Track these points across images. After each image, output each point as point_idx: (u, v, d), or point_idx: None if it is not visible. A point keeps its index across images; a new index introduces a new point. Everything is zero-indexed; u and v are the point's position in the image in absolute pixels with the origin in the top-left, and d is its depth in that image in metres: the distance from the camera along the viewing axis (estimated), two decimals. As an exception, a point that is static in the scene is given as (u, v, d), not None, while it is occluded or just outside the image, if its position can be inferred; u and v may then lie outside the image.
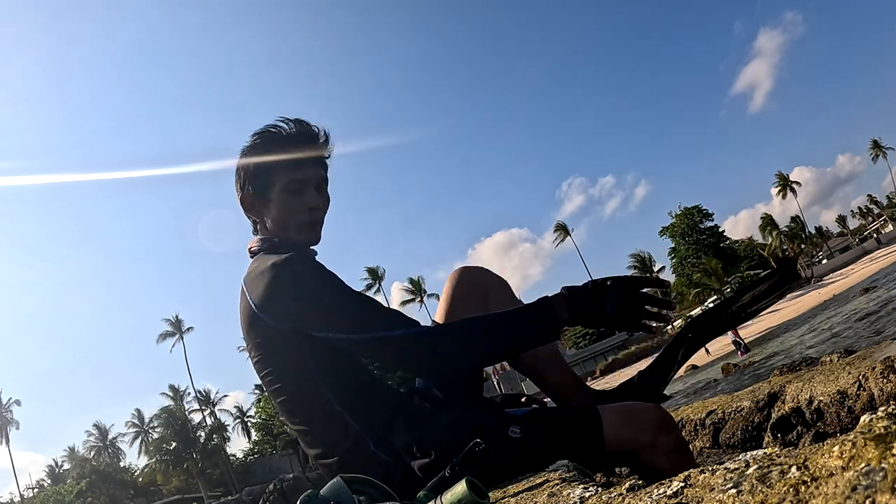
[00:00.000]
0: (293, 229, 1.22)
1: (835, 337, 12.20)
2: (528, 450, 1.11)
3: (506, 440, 1.10)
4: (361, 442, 1.12)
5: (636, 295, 1.07)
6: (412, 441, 1.09)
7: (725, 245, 60.67)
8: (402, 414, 1.16)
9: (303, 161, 1.22)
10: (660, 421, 1.11)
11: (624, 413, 1.12)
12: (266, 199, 1.22)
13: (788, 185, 65.64)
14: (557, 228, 62.18)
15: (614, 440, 1.08)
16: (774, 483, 0.46)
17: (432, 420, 1.16)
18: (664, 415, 1.14)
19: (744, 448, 2.34)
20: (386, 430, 1.12)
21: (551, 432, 1.12)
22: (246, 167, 1.25)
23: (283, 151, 1.22)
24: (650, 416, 1.11)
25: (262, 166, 1.22)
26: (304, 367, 1.12)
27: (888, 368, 1.82)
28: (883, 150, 69.45)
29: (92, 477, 39.34)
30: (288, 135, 1.24)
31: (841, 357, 3.64)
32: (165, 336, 51.42)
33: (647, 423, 1.10)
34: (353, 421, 1.12)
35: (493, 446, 1.10)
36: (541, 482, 0.99)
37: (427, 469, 1.05)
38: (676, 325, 52.60)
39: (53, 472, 49.59)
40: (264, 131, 1.25)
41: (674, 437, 1.11)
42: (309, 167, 1.23)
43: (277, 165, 1.21)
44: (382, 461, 1.10)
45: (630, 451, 1.09)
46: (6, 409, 48.49)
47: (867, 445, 0.43)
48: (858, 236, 71.59)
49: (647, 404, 1.17)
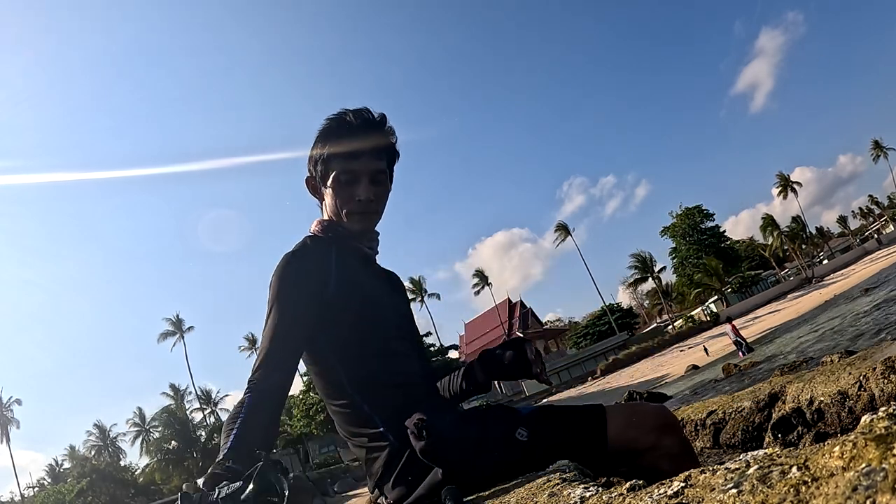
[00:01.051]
0: (345, 219, 1.28)
1: (835, 337, 12.19)
2: (533, 452, 1.11)
3: (512, 443, 1.11)
4: (371, 422, 1.18)
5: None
6: (420, 424, 1.11)
7: (726, 245, 60.59)
8: (419, 401, 1.18)
9: (358, 152, 1.26)
10: (664, 423, 1.11)
11: (629, 414, 1.12)
12: (325, 186, 1.29)
13: (789, 185, 65.54)
14: (558, 228, 62.05)
15: (617, 441, 1.08)
16: (775, 483, 0.46)
17: (444, 411, 1.19)
18: (669, 417, 1.13)
19: (744, 448, 2.34)
20: (399, 415, 1.15)
21: (557, 434, 1.12)
22: (312, 154, 1.32)
23: (341, 142, 1.27)
24: (655, 418, 1.11)
25: (324, 155, 1.28)
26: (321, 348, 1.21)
27: (888, 369, 1.82)
28: (884, 150, 69.37)
29: (92, 476, 39.36)
30: (349, 125, 1.28)
31: (841, 357, 3.64)
32: (166, 335, 51.43)
33: (651, 425, 1.09)
34: (365, 403, 1.19)
35: (498, 447, 1.11)
36: (541, 482, 0.99)
37: (427, 452, 1.07)
38: (677, 325, 52.69)
39: (54, 471, 49.64)
40: (330, 121, 1.30)
41: (678, 440, 1.10)
42: (364, 158, 1.27)
43: (335, 155, 1.27)
44: (389, 442, 1.15)
45: (632, 452, 1.09)
46: (7, 408, 48.55)
47: (868, 446, 0.43)
48: (859, 237, 71.54)
49: (652, 405, 1.16)
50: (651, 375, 30.80)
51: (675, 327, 51.90)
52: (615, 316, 57.93)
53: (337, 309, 1.18)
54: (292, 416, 43.54)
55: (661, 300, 61.14)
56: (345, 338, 1.21)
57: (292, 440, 44.53)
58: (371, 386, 1.20)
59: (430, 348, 42.08)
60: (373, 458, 1.17)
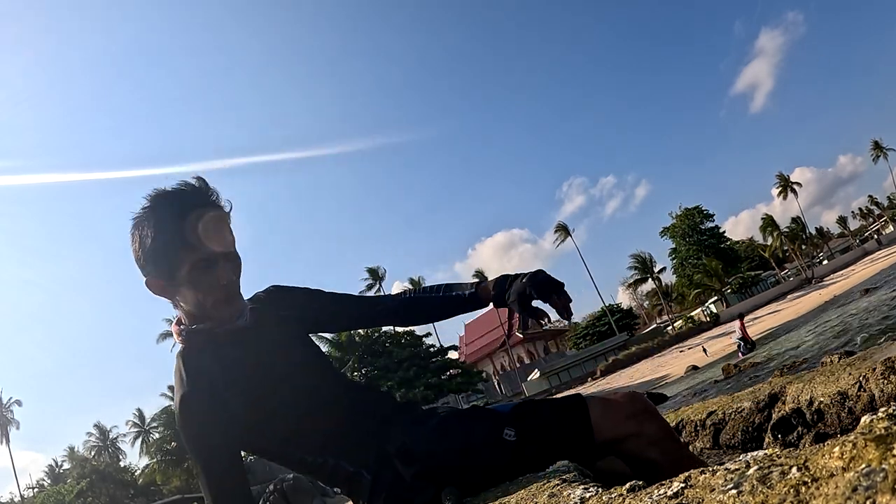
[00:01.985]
0: (211, 308, 1.13)
1: (835, 338, 12.19)
2: (522, 452, 1.10)
3: (501, 444, 1.10)
4: (340, 468, 1.15)
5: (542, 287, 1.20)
6: (400, 448, 1.10)
7: (726, 246, 60.63)
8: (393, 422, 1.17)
9: (205, 234, 1.09)
10: (641, 409, 1.11)
11: (605, 403, 1.12)
12: (175, 282, 1.11)
13: (789, 185, 65.54)
14: (558, 229, 62.08)
15: (601, 429, 1.08)
16: (775, 484, 0.46)
17: (422, 425, 1.17)
18: (644, 402, 1.13)
19: (744, 449, 2.34)
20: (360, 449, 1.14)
21: (544, 429, 1.12)
22: (145, 250, 1.10)
23: (179, 230, 1.08)
24: (630, 405, 1.11)
25: (162, 249, 1.09)
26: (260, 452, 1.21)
27: (888, 369, 1.82)
28: (884, 150, 69.38)
29: (92, 477, 39.35)
30: (180, 207, 1.09)
31: (841, 358, 3.64)
32: (166, 336, 51.41)
33: (628, 412, 1.10)
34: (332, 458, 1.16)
35: (488, 451, 1.09)
36: (541, 483, 0.99)
37: (418, 477, 1.07)
38: (677, 325, 52.66)
39: (53, 472, 49.63)
40: (154, 201, 1.11)
41: (657, 425, 1.10)
42: (214, 239, 1.10)
43: (180, 247, 1.08)
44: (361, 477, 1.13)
45: (618, 441, 1.09)
46: (7, 408, 48.52)
47: (868, 446, 0.43)
48: (859, 237, 71.55)
49: (624, 393, 1.17)
50: (651, 376, 30.80)
51: (675, 328, 51.89)
52: (615, 317, 57.96)
53: (243, 426, 1.13)
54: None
55: (660, 301, 61.12)
56: (267, 450, 1.19)
57: (292, 441, 44.43)
58: (321, 466, 1.17)
59: (430, 349, 42.02)
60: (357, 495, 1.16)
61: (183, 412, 1.10)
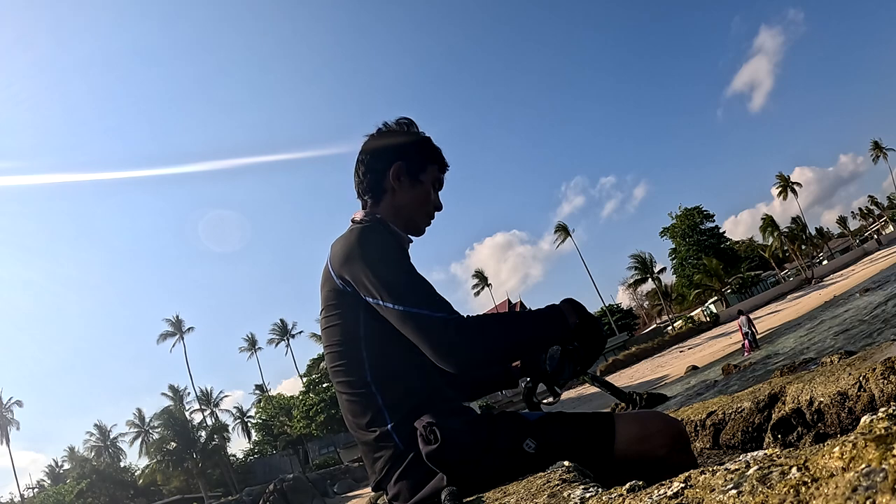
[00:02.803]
0: (407, 219, 1.29)
1: (835, 338, 12.19)
2: (539, 462, 1.11)
3: (519, 454, 1.10)
4: (380, 418, 1.15)
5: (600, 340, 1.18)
6: (429, 427, 1.09)
7: (726, 246, 60.58)
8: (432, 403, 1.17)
9: (445, 169, 1.35)
10: (677, 438, 1.09)
11: (641, 426, 1.10)
12: (413, 180, 1.29)
13: (789, 185, 65.54)
14: (558, 229, 62.01)
15: (626, 453, 1.07)
16: (775, 484, 0.46)
17: (456, 415, 1.17)
18: (682, 433, 1.11)
19: (744, 449, 2.34)
20: (410, 415, 1.13)
21: (565, 445, 1.11)
22: (418, 138, 1.32)
23: (437, 152, 1.33)
24: (668, 434, 1.09)
25: (427, 151, 1.31)
26: (353, 333, 1.17)
27: (888, 370, 1.82)
28: (884, 150, 69.37)
29: (92, 477, 39.34)
30: (430, 141, 1.35)
31: (841, 358, 3.64)
32: (166, 336, 51.45)
33: (664, 440, 1.08)
34: (379, 396, 1.15)
35: (506, 458, 1.09)
36: (541, 482, 0.99)
37: (432, 456, 1.06)
38: (677, 325, 52.67)
39: (53, 472, 49.62)
40: (414, 131, 1.34)
41: (687, 457, 1.09)
42: (442, 176, 1.35)
43: (437, 158, 1.32)
44: (394, 443, 1.13)
45: (640, 462, 1.07)
46: (7, 409, 48.50)
47: (868, 446, 0.43)
48: (859, 237, 71.55)
49: (666, 419, 1.14)
50: (651, 376, 30.79)
51: (675, 328, 51.87)
52: (615, 317, 57.95)
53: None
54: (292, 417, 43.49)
55: (660, 301, 61.12)
56: (384, 329, 1.13)
57: (292, 441, 44.50)
58: (391, 383, 1.16)
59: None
60: (377, 457, 1.15)
61: (380, 231, 1.17)
